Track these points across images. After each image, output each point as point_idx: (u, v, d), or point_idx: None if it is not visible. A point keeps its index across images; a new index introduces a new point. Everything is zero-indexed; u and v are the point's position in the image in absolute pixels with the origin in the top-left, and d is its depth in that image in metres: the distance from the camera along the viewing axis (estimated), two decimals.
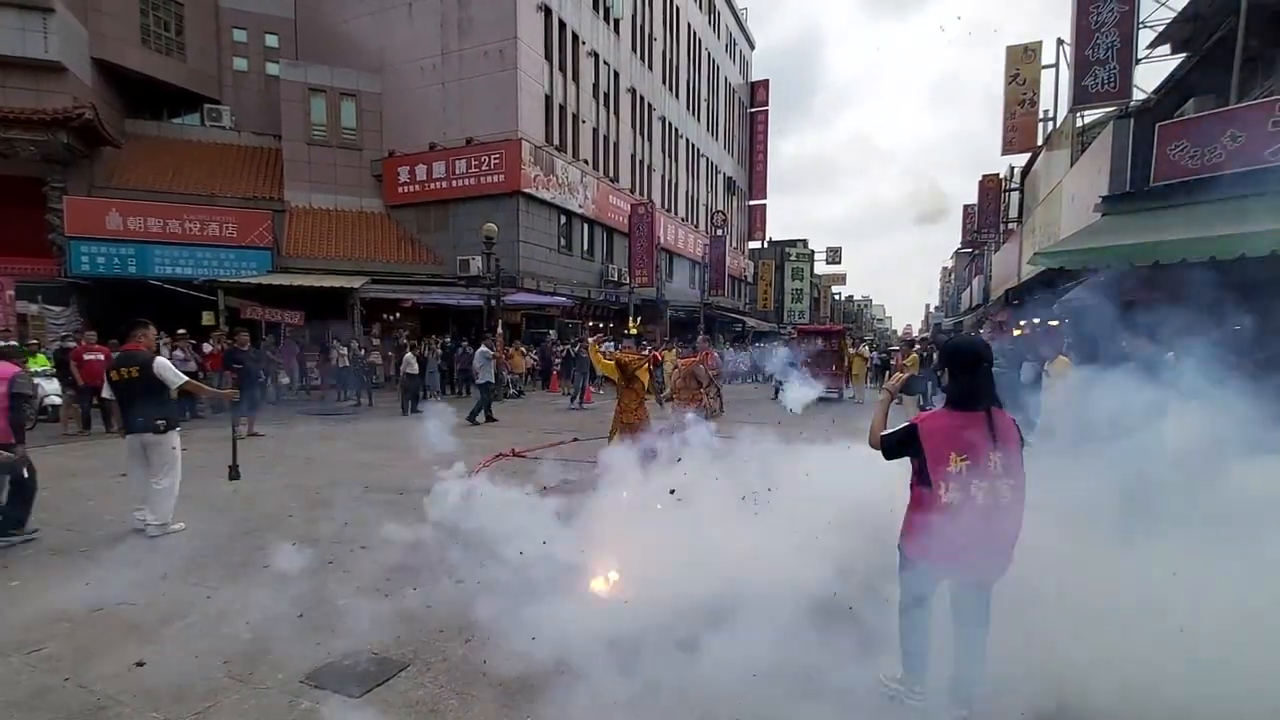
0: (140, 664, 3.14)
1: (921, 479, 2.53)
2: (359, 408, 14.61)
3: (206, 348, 13.12)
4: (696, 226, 35.10)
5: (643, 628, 3.46)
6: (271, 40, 22.87)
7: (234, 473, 5.97)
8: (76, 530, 5.27)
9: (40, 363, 10.63)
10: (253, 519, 5.68)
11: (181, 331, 12.82)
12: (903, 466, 2.74)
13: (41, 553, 4.76)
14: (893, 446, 2.63)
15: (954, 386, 2.56)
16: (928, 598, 2.65)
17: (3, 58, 16.03)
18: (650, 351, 6.44)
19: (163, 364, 5.13)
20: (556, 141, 22.27)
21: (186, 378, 5.39)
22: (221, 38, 22.32)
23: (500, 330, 16.80)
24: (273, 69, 22.13)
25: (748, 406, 14.50)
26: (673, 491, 4.82)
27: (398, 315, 20.44)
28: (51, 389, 10.97)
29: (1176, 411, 3.97)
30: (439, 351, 16.74)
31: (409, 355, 14.14)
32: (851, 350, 18.14)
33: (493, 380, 12.85)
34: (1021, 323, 16.01)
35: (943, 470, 2.44)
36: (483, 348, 13.01)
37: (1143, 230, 8.43)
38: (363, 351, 15.88)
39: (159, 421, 5.12)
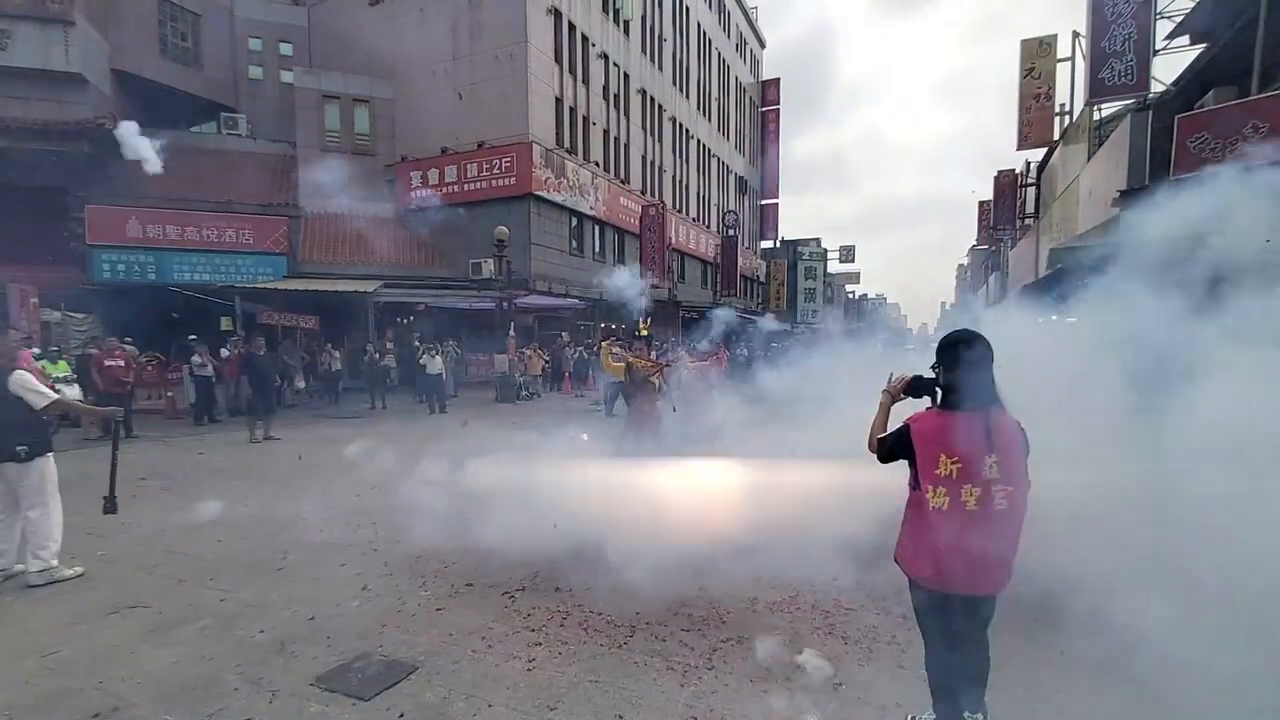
0: None
1: (913, 482, 2.40)
2: (373, 410, 14.74)
3: (224, 353, 13.29)
4: (708, 227, 35.00)
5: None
6: (286, 48, 23.16)
7: (110, 505, 4.85)
8: (96, 535, 5.35)
9: (62, 369, 10.80)
10: (268, 522, 5.73)
11: (193, 337, 13.06)
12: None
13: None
14: (888, 449, 2.50)
15: (948, 385, 2.41)
16: (944, 617, 2.42)
17: (26, 70, 16.35)
18: (665, 359, 6.39)
19: (22, 379, 4.31)
20: (567, 144, 22.32)
21: (54, 395, 4.54)
22: (237, 47, 22.63)
23: (513, 333, 16.87)
24: (287, 76, 22.41)
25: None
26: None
27: (411, 319, 20.59)
28: (73, 394, 11.17)
29: None
30: (453, 355, 16.86)
31: (429, 357, 14.33)
32: None
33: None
34: (1040, 320, 15.76)
35: (931, 473, 2.30)
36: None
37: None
38: (379, 355, 16.04)
39: (20, 448, 4.27)
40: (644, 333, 6.57)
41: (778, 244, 47.09)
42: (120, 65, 19.06)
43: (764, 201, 45.05)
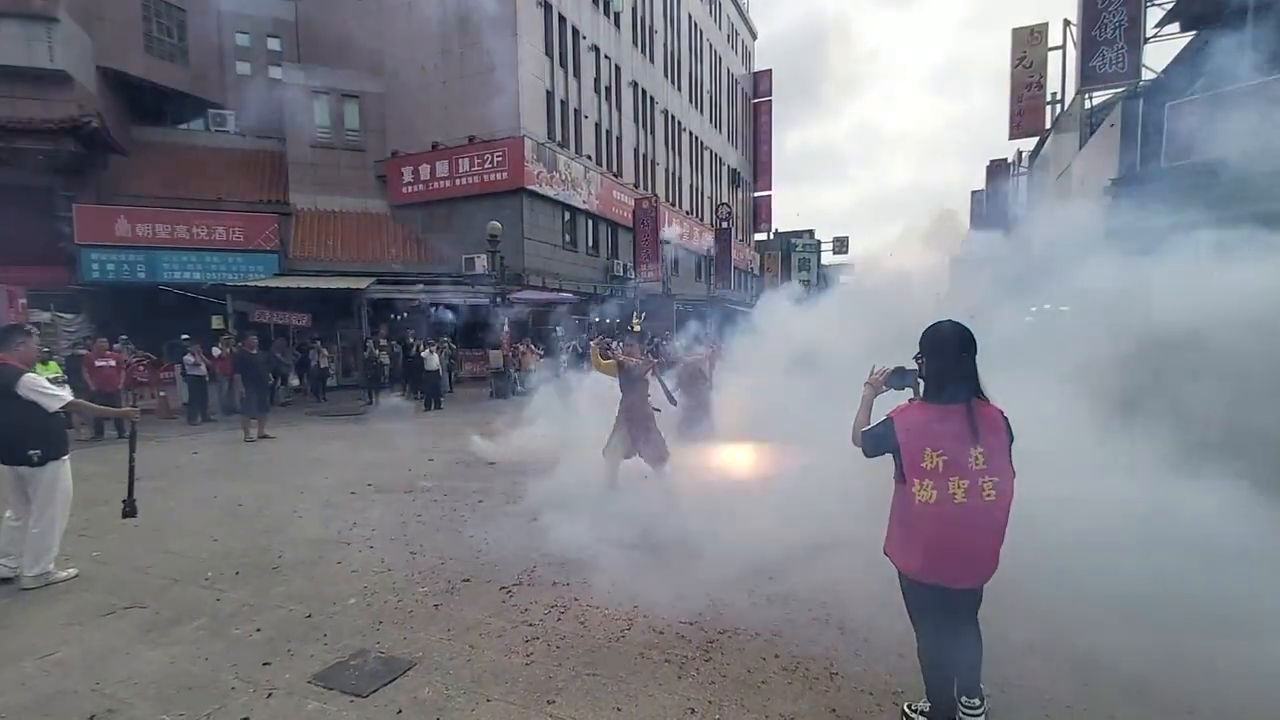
0: None
1: (899, 477, 2.39)
2: (369, 406, 14.72)
3: (216, 351, 13.22)
4: (701, 219, 34.94)
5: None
6: (274, 44, 22.96)
7: (129, 508, 4.71)
8: (89, 535, 5.32)
9: (53, 370, 10.69)
10: (263, 520, 5.72)
11: (186, 337, 12.97)
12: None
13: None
14: (872, 444, 2.49)
15: (931, 377, 2.40)
16: (935, 609, 2.43)
17: (9, 68, 16.13)
18: (655, 359, 6.36)
19: (31, 382, 4.24)
20: (559, 137, 22.21)
21: (67, 397, 4.47)
22: (224, 43, 22.41)
23: (507, 328, 16.83)
24: (275, 72, 22.20)
25: None
26: None
27: (405, 315, 20.51)
28: (64, 395, 11.11)
29: None
30: (446, 351, 16.82)
31: (426, 352, 14.28)
32: None
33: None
34: (1032, 309, 15.81)
35: (917, 466, 2.29)
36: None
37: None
38: (378, 351, 16.06)
39: (33, 452, 4.23)
40: (636, 328, 6.51)
41: (771, 236, 47.05)
42: (106, 62, 18.83)
43: (757, 194, 45.01)
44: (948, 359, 2.35)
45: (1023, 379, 3.89)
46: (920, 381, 2.49)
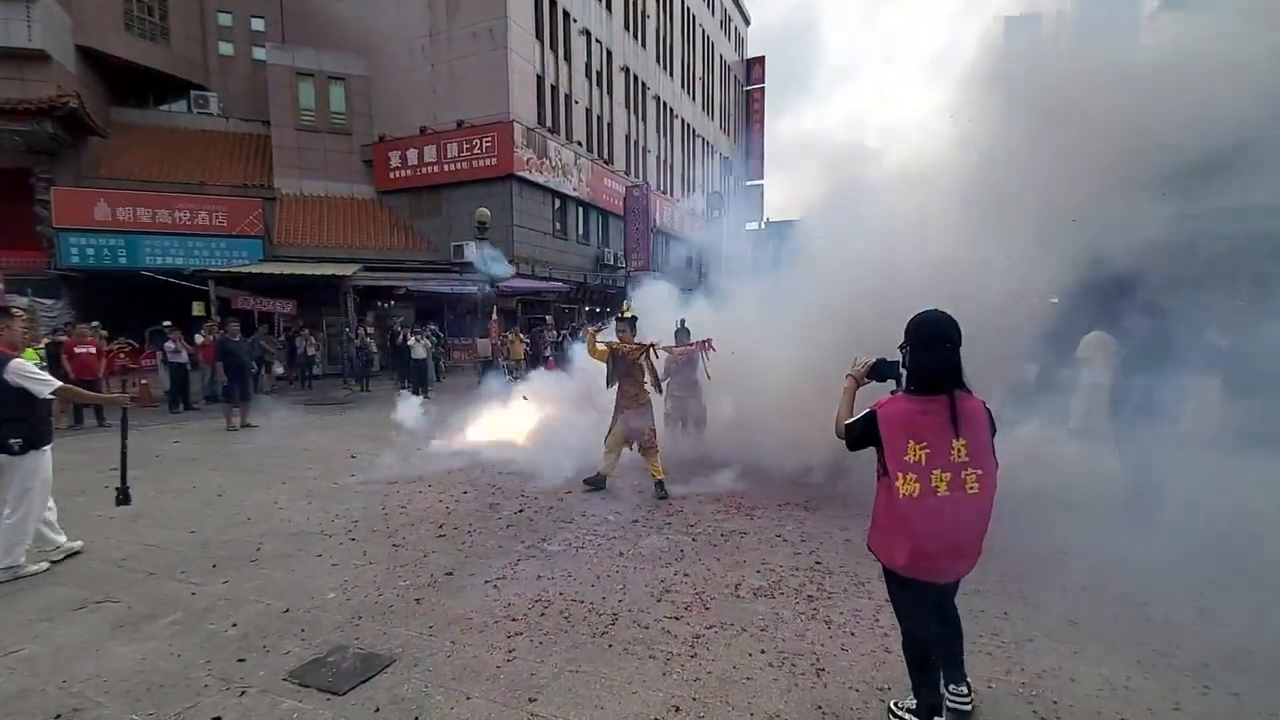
0: None
1: (882, 469, 2.35)
2: (359, 393, 14.59)
3: (198, 339, 13.00)
4: (692, 209, 34.77)
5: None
6: (257, 24, 22.50)
7: (123, 496, 4.70)
8: (64, 526, 5.19)
9: (31, 356, 10.44)
10: (243, 511, 5.62)
11: (168, 323, 12.73)
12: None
13: None
14: (855, 437, 2.45)
15: (914, 368, 2.36)
16: (920, 602, 2.42)
17: None
18: (650, 341, 6.29)
19: (20, 367, 4.14)
20: (549, 123, 21.93)
21: (56, 383, 4.37)
22: (207, 22, 21.95)
23: (495, 317, 16.66)
24: (259, 53, 21.77)
25: None
26: None
27: (392, 303, 20.29)
28: (54, 381, 10.92)
29: None
30: (433, 339, 16.66)
31: (413, 340, 14.13)
32: None
33: None
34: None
35: (900, 460, 2.25)
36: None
37: None
38: (368, 338, 15.88)
39: (14, 440, 4.11)
40: (628, 315, 6.41)
41: (763, 226, 46.91)
42: (85, 41, 18.39)
43: (749, 182, 44.80)
44: (931, 350, 2.31)
45: None
46: (903, 373, 2.44)
